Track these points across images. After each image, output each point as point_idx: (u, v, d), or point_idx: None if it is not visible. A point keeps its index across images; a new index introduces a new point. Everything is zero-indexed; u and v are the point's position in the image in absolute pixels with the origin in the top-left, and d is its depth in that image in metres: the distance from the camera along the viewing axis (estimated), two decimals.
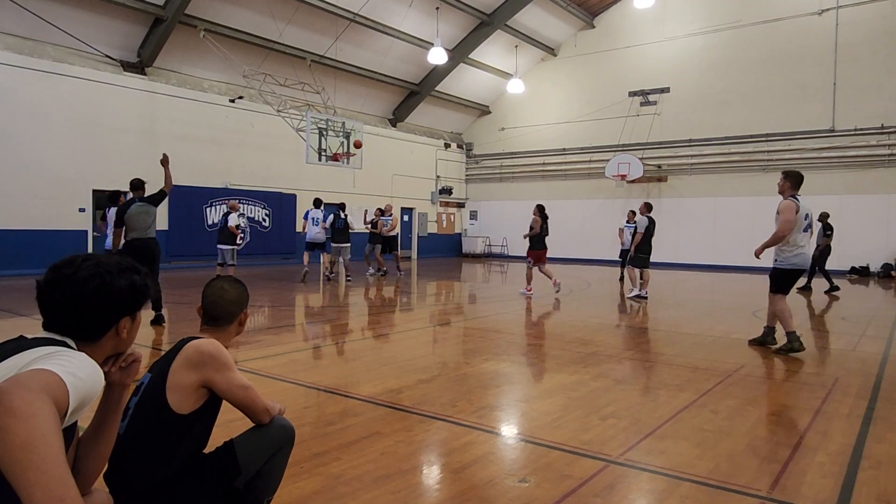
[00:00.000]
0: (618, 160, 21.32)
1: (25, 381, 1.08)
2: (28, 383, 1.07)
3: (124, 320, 1.52)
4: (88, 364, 1.30)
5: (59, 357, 1.24)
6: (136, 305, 1.54)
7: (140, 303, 1.55)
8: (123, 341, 1.55)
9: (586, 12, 22.78)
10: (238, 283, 2.40)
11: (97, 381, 1.31)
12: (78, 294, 1.43)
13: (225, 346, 2.25)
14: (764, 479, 3.07)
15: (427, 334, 7.83)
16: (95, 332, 1.47)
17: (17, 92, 13.78)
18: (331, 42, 18.57)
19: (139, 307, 1.56)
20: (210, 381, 2.07)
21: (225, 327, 2.32)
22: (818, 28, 18.75)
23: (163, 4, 15.07)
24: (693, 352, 6.50)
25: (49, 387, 1.10)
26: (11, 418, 0.99)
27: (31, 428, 0.99)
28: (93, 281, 1.44)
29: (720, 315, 9.60)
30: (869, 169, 18.01)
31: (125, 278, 1.50)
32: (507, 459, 3.42)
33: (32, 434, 0.98)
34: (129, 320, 1.54)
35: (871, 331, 8.01)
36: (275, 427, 2.25)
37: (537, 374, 5.57)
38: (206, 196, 17.51)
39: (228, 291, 2.33)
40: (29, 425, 0.99)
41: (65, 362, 1.21)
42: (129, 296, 1.51)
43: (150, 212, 7.95)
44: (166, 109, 16.50)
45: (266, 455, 2.22)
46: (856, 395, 4.72)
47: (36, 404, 1.02)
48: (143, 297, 1.55)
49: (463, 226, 27.32)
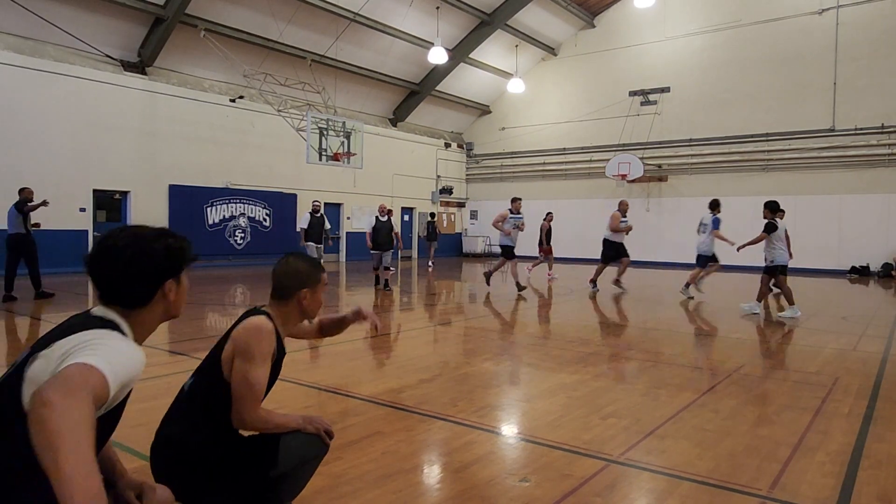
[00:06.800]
0: (618, 160, 21.32)
1: (63, 378, 1.16)
2: (66, 380, 1.16)
3: (168, 283, 1.59)
4: (126, 350, 1.37)
5: (98, 346, 1.30)
6: (175, 268, 1.61)
7: (179, 265, 1.62)
8: (173, 304, 1.62)
9: (587, 12, 22.78)
10: (306, 259, 2.34)
11: (136, 365, 1.37)
12: (118, 263, 1.52)
13: (287, 324, 2.25)
14: (764, 479, 3.08)
15: (428, 334, 7.83)
16: (142, 297, 1.55)
17: (18, 92, 13.79)
18: (331, 42, 18.57)
19: (180, 269, 1.63)
20: (234, 358, 2.11)
21: (285, 303, 2.28)
22: (818, 28, 18.74)
23: (163, 4, 15.07)
24: (693, 351, 6.50)
25: (87, 381, 1.18)
26: (47, 408, 1.09)
27: (63, 419, 1.08)
28: (130, 249, 1.53)
29: (720, 315, 9.60)
30: (869, 169, 18.00)
31: (160, 243, 1.58)
32: (507, 459, 3.42)
33: (64, 424, 1.07)
34: (174, 283, 1.61)
35: (870, 331, 8.01)
36: (315, 436, 2.25)
37: (538, 373, 5.57)
38: (207, 196, 17.52)
39: (289, 265, 2.29)
40: (62, 416, 1.08)
41: (103, 351, 1.28)
42: (166, 259, 1.58)
43: None
44: (167, 109, 16.50)
45: (300, 458, 2.23)
46: (856, 395, 4.72)
47: (70, 398, 1.11)
48: (180, 260, 1.62)
49: (463, 225, 27.33)
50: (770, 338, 7.60)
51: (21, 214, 9.52)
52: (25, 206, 9.53)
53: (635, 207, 22.24)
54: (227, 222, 18.08)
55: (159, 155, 16.41)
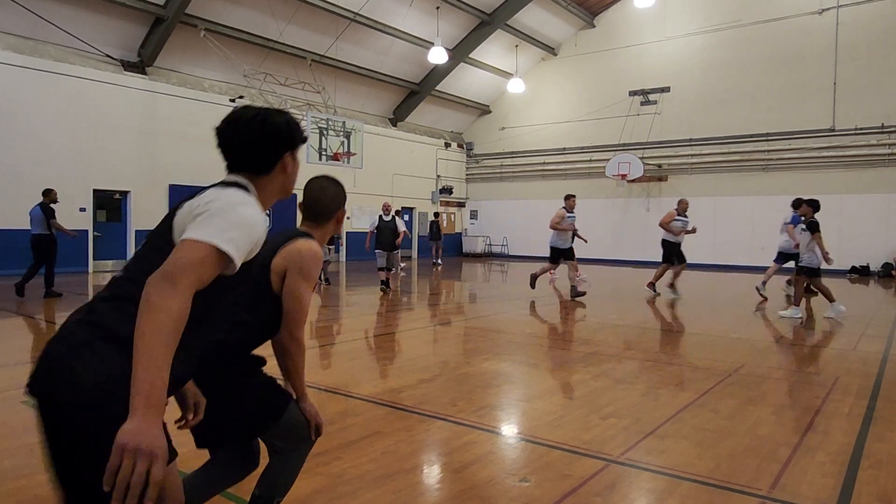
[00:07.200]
0: (618, 160, 21.32)
1: (168, 269, 1.34)
2: (169, 272, 1.33)
3: (287, 156, 1.75)
4: (246, 214, 1.52)
5: (216, 216, 1.46)
6: (294, 140, 1.77)
7: (297, 138, 1.78)
8: (289, 177, 1.78)
9: (587, 12, 22.78)
10: (336, 182, 2.47)
11: (257, 230, 1.54)
12: (247, 130, 1.69)
13: (322, 241, 2.40)
14: (764, 479, 3.08)
15: (428, 334, 7.83)
16: (266, 164, 1.72)
17: (18, 92, 13.79)
18: (331, 41, 18.57)
19: (297, 143, 1.78)
20: (287, 273, 2.20)
21: (324, 224, 2.42)
22: (818, 27, 18.74)
23: (163, 4, 15.07)
24: (693, 351, 6.50)
25: (190, 265, 1.36)
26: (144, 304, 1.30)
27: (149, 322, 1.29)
28: (256, 118, 1.70)
29: (720, 314, 9.60)
30: (869, 168, 18.00)
31: (282, 116, 1.76)
32: (507, 459, 3.42)
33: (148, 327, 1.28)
34: (291, 157, 1.77)
35: (871, 330, 8.01)
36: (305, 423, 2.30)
37: (538, 373, 5.57)
38: None
39: (328, 189, 2.41)
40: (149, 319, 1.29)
41: (221, 224, 1.45)
42: (287, 130, 1.74)
43: None
44: (167, 109, 16.50)
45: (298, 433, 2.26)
46: (856, 395, 4.72)
47: (164, 298, 1.30)
48: (299, 132, 1.79)
49: (463, 225, 27.33)
50: (770, 338, 7.60)
51: (46, 217, 9.99)
52: (54, 221, 10.01)
53: (634, 207, 22.30)
54: None
55: (159, 155, 16.41)
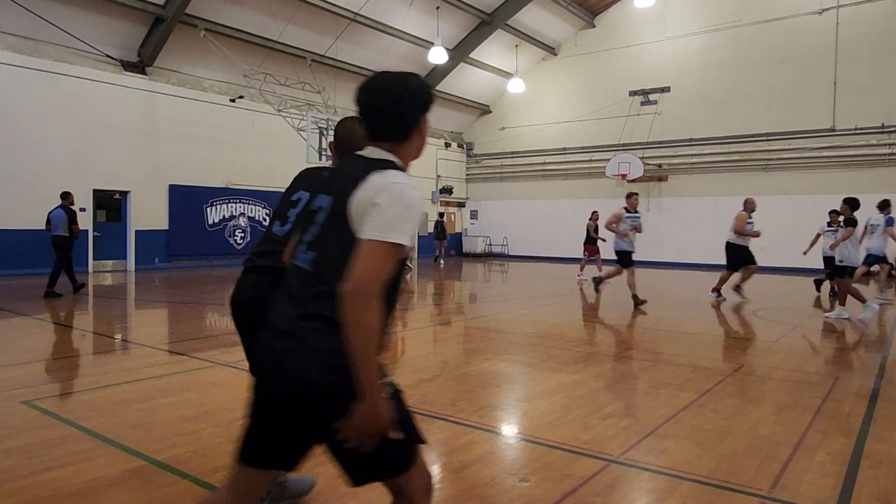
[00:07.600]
0: (618, 159, 21.32)
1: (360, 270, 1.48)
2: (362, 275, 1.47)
3: (423, 118, 1.80)
4: (412, 200, 1.60)
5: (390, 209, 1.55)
6: (429, 101, 1.81)
7: (431, 99, 1.82)
8: (424, 139, 1.84)
9: (587, 12, 22.78)
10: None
11: (422, 206, 1.64)
12: (386, 96, 1.73)
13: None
14: (764, 479, 3.08)
15: (428, 333, 7.83)
16: (406, 130, 1.77)
17: (18, 92, 13.79)
18: (331, 41, 18.57)
19: (431, 104, 1.82)
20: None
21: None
22: (818, 27, 18.74)
23: (163, 4, 15.07)
24: (693, 351, 6.50)
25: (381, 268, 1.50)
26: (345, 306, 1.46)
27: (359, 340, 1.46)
28: (398, 86, 1.75)
29: (720, 314, 9.60)
30: (869, 169, 18.00)
31: (416, 79, 1.80)
32: (507, 459, 3.42)
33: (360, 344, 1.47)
34: (425, 119, 1.81)
35: (870, 330, 8.02)
36: None
37: (538, 373, 5.57)
38: (207, 196, 17.52)
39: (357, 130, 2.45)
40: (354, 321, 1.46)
41: (393, 217, 1.55)
42: (424, 92, 1.79)
43: None
44: (167, 109, 16.51)
45: None
46: (856, 395, 4.72)
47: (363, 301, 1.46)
48: (432, 94, 1.83)
49: (463, 225, 27.33)
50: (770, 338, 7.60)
51: (69, 220, 10.54)
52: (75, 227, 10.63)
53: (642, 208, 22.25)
54: (227, 222, 18.09)
55: (159, 155, 16.41)
